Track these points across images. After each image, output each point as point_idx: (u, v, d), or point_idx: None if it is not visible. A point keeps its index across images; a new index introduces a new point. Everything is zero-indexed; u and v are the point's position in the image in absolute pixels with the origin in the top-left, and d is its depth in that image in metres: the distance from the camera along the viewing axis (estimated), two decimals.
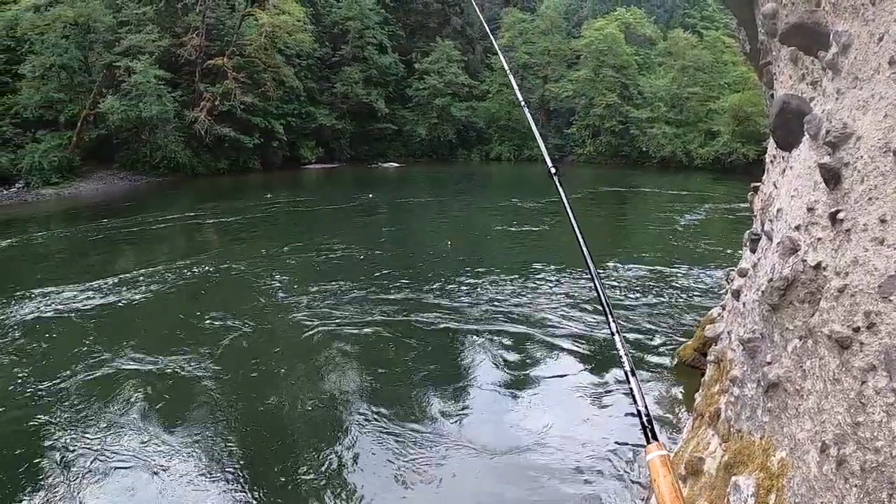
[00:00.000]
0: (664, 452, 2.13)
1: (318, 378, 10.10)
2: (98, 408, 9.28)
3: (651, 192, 33.17)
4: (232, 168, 44.28)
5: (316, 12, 50.62)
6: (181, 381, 10.15)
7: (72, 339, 12.46)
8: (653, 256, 17.75)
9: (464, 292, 14.08)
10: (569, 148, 53.52)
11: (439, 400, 9.14)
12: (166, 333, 12.58)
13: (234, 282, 16.31)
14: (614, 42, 50.61)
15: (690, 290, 13.91)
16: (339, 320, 12.66)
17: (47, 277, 17.16)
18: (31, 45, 37.70)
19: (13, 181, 35.22)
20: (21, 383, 10.31)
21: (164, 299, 14.81)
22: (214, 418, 8.98)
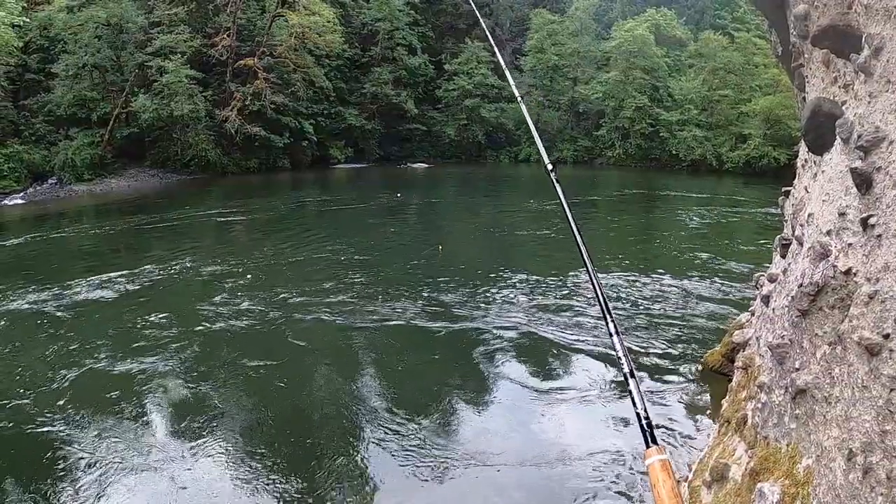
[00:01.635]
0: (664, 457, 2.11)
1: (340, 378, 10.13)
2: (118, 401, 9.39)
3: (680, 195, 32.88)
4: (262, 167, 44.57)
5: (346, 13, 50.82)
6: (204, 376, 10.22)
7: (98, 331, 12.62)
8: (680, 260, 17.60)
9: (487, 295, 14.05)
10: (598, 150, 53.20)
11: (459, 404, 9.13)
12: (191, 328, 12.67)
13: (261, 278, 16.40)
14: (644, 44, 50.22)
15: (719, 295, 13.77)
16: (363, 320, 12.69)
17: (78, 271, 17.44)
18: (65, 45, 38.37)
19: (46, 177, 35.94)
20: (44, 374, 10.46)
21: (191, 295, 14.93)
22: (237, 414, 9.04)
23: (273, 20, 45.06)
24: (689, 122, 48.34)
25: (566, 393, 9.26)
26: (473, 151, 54.22)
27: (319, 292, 14.68)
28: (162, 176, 40.48)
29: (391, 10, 51.13)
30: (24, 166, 35.05)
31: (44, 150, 36.72)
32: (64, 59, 38.09)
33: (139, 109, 38.36)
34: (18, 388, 9.96)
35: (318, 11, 44.56)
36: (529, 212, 26.39)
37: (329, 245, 20.39)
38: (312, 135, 46.56)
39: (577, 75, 54.40)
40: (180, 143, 40.97)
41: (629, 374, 2.39)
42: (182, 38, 40.23)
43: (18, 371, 10.69)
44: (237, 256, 18.96)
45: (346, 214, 27.96)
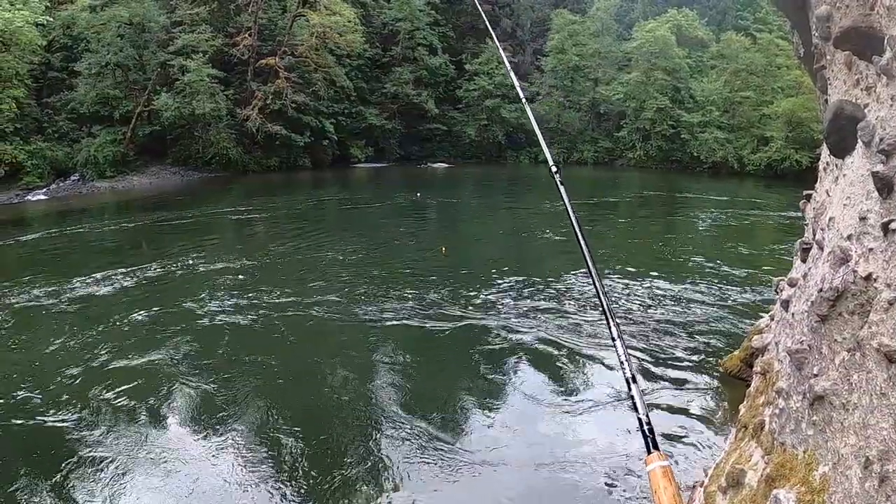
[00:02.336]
0: (665, 463, 2.11)
1: (353, 377, 10.14)
2: (134, 396, 9.47)
3: (701, 197, 32.66)
4: (282, 165, 44.85)
5: (366, 13, 50.92)
6: (220, 372, 10.29)
7: (116, 325, 12.74)
8: (699, 263, 17.47)
9: (501, 296, 14.03)
10: (619, 151, 52.95)
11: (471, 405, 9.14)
12: (208, 324, 12.78)
13: (278, 276, 16.49)
14: (666, 44, 49.92)
15: (738, 299, 13.66)
16: (376, 319, 12.72)
17: (98, 265, 17.62)
18: (87, 44, 38.84)
19: (69, 174, 36.36)
20: (62, 366, 10.57)
21: (209, 290, 15.01)
22: (250, 410, 9.09)
23: (294, 20, 45.23)
24: (710, 123, 48.01)
25: (580, 396, 9.23)
26: (493, 152, 54.10)
27: (335, 291, 14.72)
28: (183, 174, 40.84)
29: (412, 11, 51.14)
30: (47, 163, 35.48)
31: (67, 147, 37.20)
32: (87, 58, 38.56)
33: (161, 108, 38.80)
34: (36, 379, 10.08)
35: (339, 11, 44.74)
36: (547, 213, 26.30)
37: (346, 244, 20.43)
38: (333, 134, 46.71)
39: (598, 76, 54.16)
40: (202, 141, 41.34)
41: (630, 380, 2.37)
42: (204, 38, 40.60)
43: (36, 363, 10.83)
44: (256, 253, 19.07)
45: (365, 213, 28.05)
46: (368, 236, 21.94)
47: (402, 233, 22.84)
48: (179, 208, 28.63)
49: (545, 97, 53.85)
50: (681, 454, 7.45)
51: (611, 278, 15.30)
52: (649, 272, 16.01)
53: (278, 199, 31.73)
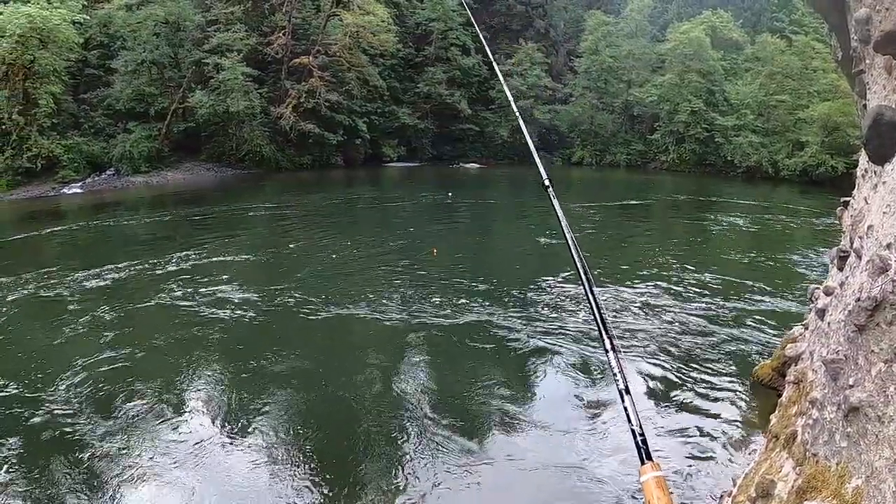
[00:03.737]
0: (659, 473, 2.13)
1: (381, 375, 10.16)
2: (162, 386, 9.62)
3: (734, 202, 32.19)
4: (315, 163, 45.17)
5: (400, 13, 51.05)
6: (249, 365, 10.38)
7: (145, 315, 12.95)
8: (731, 269, 17.26)
9: (535, 300, 13.98)
10: (652, 154, 52.46)
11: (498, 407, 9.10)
12: (236, 316, 12.91)
13: (309, 271, 16.62)
14: (700, 46, 49.31)
15: (771, 306, 13.47)
16: (407, 318, 12.73)
17: (131, 256, 17.93)
18: (124, 42, 39.55)
19: (104, 168, 36.95)
20: (92, 354, 10.72)
21: (239, 284, 15.17)
22: (278, 406, 9.15)
23: (328, 19, 45.44)
24: (744, 127, 47.35)
25: (603, 400, 9.18)
26: (526, 153, 53.85)
27: (362, 288, 14.78)
28: (217, 170, 41.33)
29: (445, 10, 51.17)
30: (83, 157, 36.10)
31: (102, 142, 37.83)
32: (123, 56, 39.23)
33: (196, 105, 39.43)
34: (63, 366, 10.26)
35: (373, 11, 44.90)
36: (577, 215, 26.19)
37: (377, 242, 20.56)
38: (366, 133, 46.91)
39: (631, 77, 53.68)
40: (235, 138, 41.81)
41: (624, 391, 2.41)
42: (238, 37, 41.05)
43: (63, 351, 11.06)
44: (286, 249, 19.31)
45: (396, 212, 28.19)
46: (398, 235, 21.99)
47: (433, 232, 22.85)
48: (212, 204, 28.98)
49: (578, 98, 53.55)
50: (709, 463, 7.38)
51: (641, 281, 15.22)
52: (680, 276, 15.89)
53: (310, 197, 31.95)
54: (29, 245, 21.39)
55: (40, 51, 33.43)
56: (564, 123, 53.65)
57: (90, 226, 24.38)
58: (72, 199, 32.10)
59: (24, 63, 33.29)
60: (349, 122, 45.14)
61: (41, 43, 33.41)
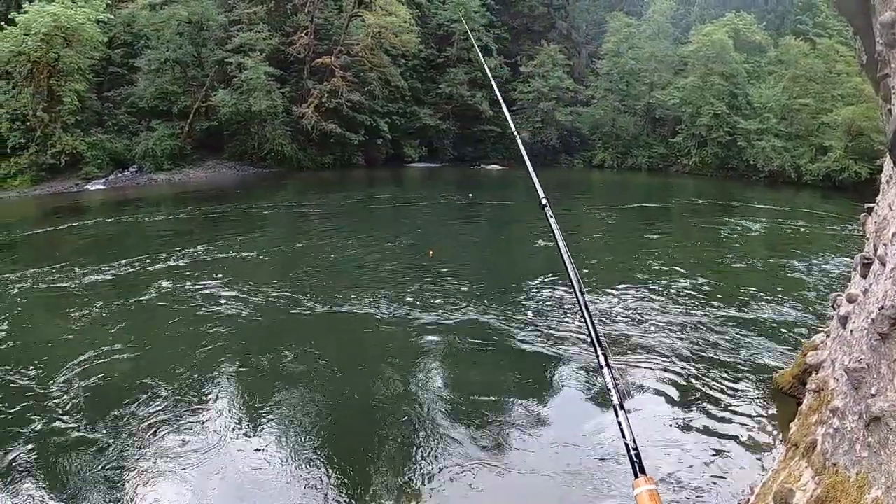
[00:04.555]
0: (652, 487, 2.15)
1: (398, 376, 10.20)
2: (181, 380, 9.78)
3: (755, 207, 31.86)
4: (336, 163, 45.36)
5: (422, 14, 51.04)
6: (264, 366, 10.48)
7: (163, 313, 13.08)
8: (753, 275, 17.16)
9: (551, 302, 13.97)
10: (673, 157, 52.03)
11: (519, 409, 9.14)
12: (252, 312, 13.03)
13: (328, 269, 16.79)
14: (723, 49, 48.82)
15: (792, 313, 13.34)
16: (424, 318, 12.75)
17: (152, 251, 18.20)
18: (147, 41, 39.95)
19: (127, 165, 37.43)
20: (107, 347, 10.85)
21: (258, 280, 15.33)
22: (294, 405, 9.23)
23: (350, 20, 45.52)
24: (767, 131, 46.84)
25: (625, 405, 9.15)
26: (548, 155, 53.57)
27: (381, 287, 14.85)
28: (239, 168, 41.65)
29: (467, 11, 51.07)
30: (107, 154, 36.56)
31: (126, 139, 38.35)
32: (147, 55, 39.69)
33: (219, 104, 39.75)
34: (80, 357, 10.38)
35: (395, 12, 44.90)
36: (595, 219, 26.13)
37: (396, 241, 20.61)
38: (387, 133, 46.99)
39: (653, 80, 53.29)
40: (258, 137, 42.06)
41: (618, 406, 2.42)
42: (261, 36, 41.29)
43: (81, 342, 11.19)
44: (306, 247, 19.49)
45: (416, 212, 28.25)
46: (418, 235, 22.05)
47: (452, 232, 22.89)
48: (234, 201, 29.19)
49: (600, 100, 53.26)
50: (727, 470, 7.35)
51: (658, 286, 15.15)
52: (700, 281, 15.81)
53: (331, 196, 32.10)
54: (51, 239, 21.69)
55: (65, 49, 33.87)
56: (586, 125, 53.45)
57: (111, 222, 24.65)
58: (94, 196, 32.43)
59: (48, 61, 33.72)
60: (371, 122, 45.25)
61: (66, 41, 33.85)
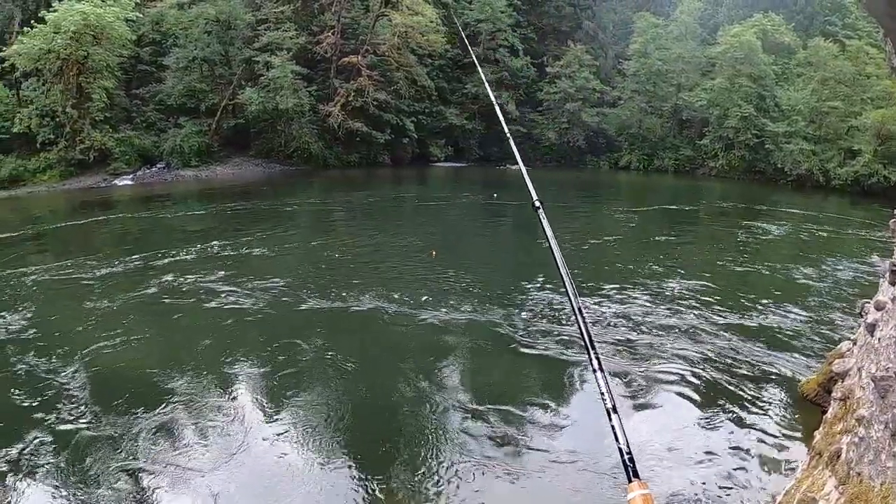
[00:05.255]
0: (646, 491, 2.15)
1: (421, 375, 10.28)
2: (203, 372, 10.07)
3: (782, 211, 31.35)
4: (362, 161, 45.56)
5: (448, 14, 50.98)
6: (288, 359, 10.60)
7: (184, 306, 13.29)
8: (778, 281, 16.95)
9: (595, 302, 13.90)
10: (700, 160, 51.50)
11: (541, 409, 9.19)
12: (275, 304, 13.16)
13: (350, 265, 16.96)
14: (751, 50, 48.14)
15: (817, 320, 13.21)
16: (447, 316, 12.85)
17: (178, 245, 18.54)
18: (176, 39, 40.62)
19: (155, 162, 37.89)
20: (133, 336, 10.99)
21: (281, 274, 15.56)
22: (318, 398, 9.38)
23: (377, 19, 45.66)
24: (795, 134, 46.17)
25: (650, 404, 9.18)
26: (573, 156, 53.36)
27: (405, 284, 14.94)
28: (265, 166, 42.07)
29: (493, 12, 51.00)
30: (135, 150, 37.18)
31: (154, 136, 39.04)
32: (175, 53, 40.33)
33: (246, 102, 40.11)
34: (99, 344, 10.54)
35: (421, 11, 44.91)
36: (616, 220, 25.97)
37: (421, 239, 20.63)
38: (413, 132, 47.14)
39: (680, 81, 52.78)
40: (284, 135, 42.40)
41: (612, 410, 2.43)
42: (288, 35, 41.53)
43: (105, 331, 11.37)
44: (330, 243, 19.77)
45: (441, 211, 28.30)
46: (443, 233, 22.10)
47: (476, 232, 22.89)
48: (260, 198, 29.42)
49: (627, 101, 52.87)
50: (750, 477, 7.33)
51: (682, 289, 15.06)
52: (723, 286, 15.77)
53: (356, 194, 32.23)
54: (78, 232, 22.10)
55: (94, 47, 34.45)
56: (612, 127, 53.04)
57: (138, 217, 24.98)
58: (122, 191, 32.84)
59: (77, 59, 34.24)
60: (397, 122, 45.43)
61: (94, 39, 34.37)
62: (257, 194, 31.22)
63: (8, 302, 13.91)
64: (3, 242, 20.47)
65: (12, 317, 12.90)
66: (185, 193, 32.34)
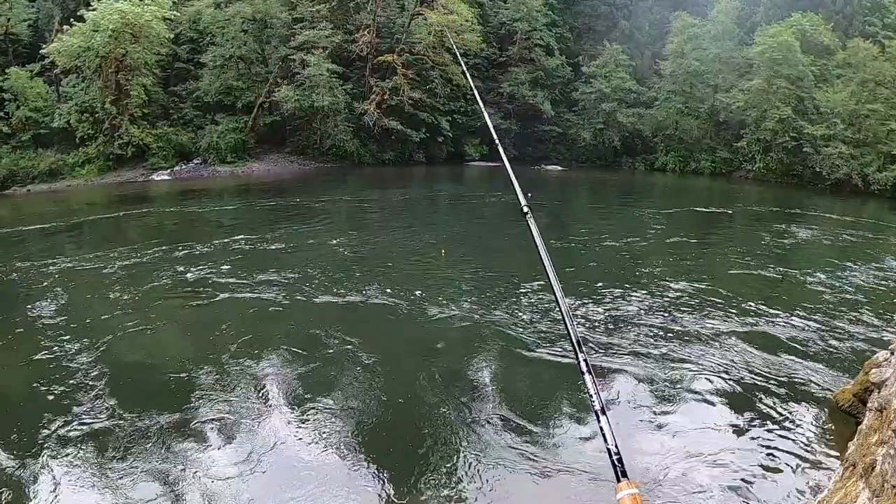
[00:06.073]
0: (634, 491, 2.15)
1: (447, 372, 10.45)
2: (233, 372, 10.21)
3: (819, 216, 30.69)
4: (397, 159, 45.93)
5: (483, 13, 51.05)
6: (313, 354, 10.84)
7: (216, 299, 13.45)
8: (813, 286, 16.60)
9: (604, 306, 13.78)
10: (737, 162, 50.88)
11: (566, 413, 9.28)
12: (308, 299, 13.25)
13: (383, 261, 17.08)
14: (789, 51, 47.39)
15: (853, 329, 12.97)
16: (475, 317, 12.91)
17: (212, 237, 18.77)
18: (212, 38, 41.28)
19: (191, 157, 38.45)
20: (159, 323, 11.03)
21: (313, 268, 15.81)
22: (344, 396, 9.62)
23: (412, 18, 45.93)
24: (834, 137, 45.42)
25: (675, 411, 9.28)
26: (608, 156, 53.10)
27: (436, 283, 14.96)
28: (300, 162, 42.62)
29: (529, 11, 50.98)
30: (172, 146, 37.82)
31: (191, 132, 39.88)
32: (212, 51, 41.00)
33: (282, 99, 40.56)
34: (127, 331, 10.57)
35: (457, 10, 44.95)
36: (659, 224, 25.59)
37: (453, 238, 20.66)
38: (448, 131, 47.29)
39: (717, 82, 52.26)
40: (320, 132, 42.88)
41: (600, 412, 2.43)
42: (324, 34, 41.87)
43: (141, 320, 11.56)
44: (363, 240, 20.05)
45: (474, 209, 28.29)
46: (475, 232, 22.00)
47: (508, 232, 22.66)
48: (295, 194, 29.63)
49: (663, 102, 52.46)
50: (781, 487, 7.28)
51: (715, 294, 14.90)
52: (755, 291, 15.61)
53: (390, 192, 32.40)
54: (115, 224, 22.42)
55: (132, 45, 35.14)
56: (648, 127, 52.57)
57: (174, 211, 25.24)
58: (159, 186, 33.25)
59: (116, 56, 34.87)
60: (432, 120, 45.69)
61: (133, 37, 35.13)
62: (292, 191, 31.48)
63: (42, 289, 14.52)
64: (42, 233, 20.97)
65: (45, 304, 13.50)
66: (220, 189, 32.67)
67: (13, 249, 19.27)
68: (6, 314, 13.30)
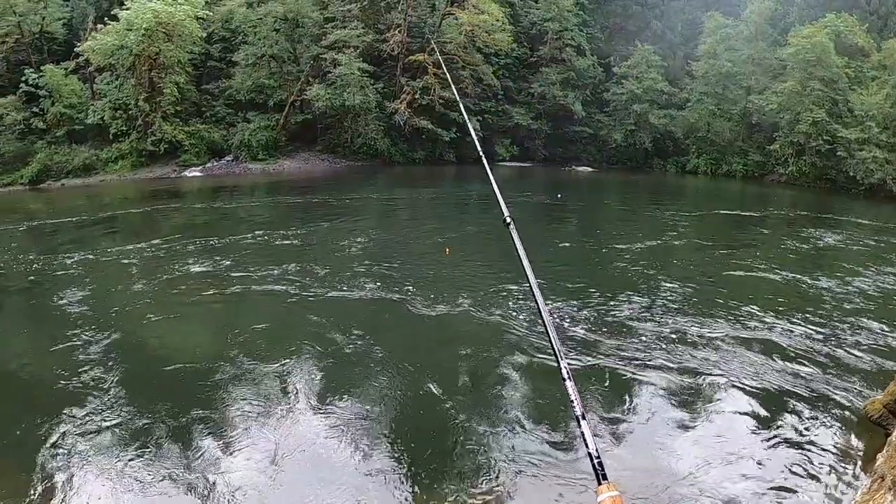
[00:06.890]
0: (615, 493, 2.21)
1: (471, 374, 10.41)
2: (253, 361, 10.37)
3: (851, 221, 30.04)
4: (427, 159, 46.13)
5: (514, 13, 50.94)
6: (335, 350, 10.98)
7: (248, 294, 13.63)
8: (843, 294, 16.17)
9: (641, 312, 13.74)
10: (770, 166, 50.08)
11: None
12: (338, 295, 13.37)
13: (413, 260, 17.15)
14: (823, 52, 46.54)
15: (884, 339, 12.69)
16: (502, 318, 12.85)
17: (242, 232, 18.96)
18: (245, 37, 41.91)
19: (223, 154, 38.84)
20: (183, 311, 11.10)
21: (342, 266, 16.11)
22: (367, 395, 9.60)
23: (443, 18, 46.08)
24: (869, 140, 44.55)
25: (704, 423, 9.17)
26: (639, 158, 52.69)
27: (465, 283, 15.00)
28: (331, 161, 42.93)
29: (560, 11, 50.72)
30: (204, 143, 38.37)
31: (223, 130, 40.44)
32: (244, 50, 41.69)
33: (313, 98, 40.92)
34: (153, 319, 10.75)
35: (488, 10, 44.89)
36: (691, 229, 25.26)
37: (482, 237, 20.56)
38: (479, 131, 46.82)
39: (750, 84, 51.61)
40: (350, 131, 43.25)
41: (580, 417, 2.49)
42: (355, 33, 42.20)
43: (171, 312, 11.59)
44: (393, 238, 19.98)
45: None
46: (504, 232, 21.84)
47: (538, 232, 22.56)
48: (325, 192, 29.78)
49: (695, 104, 51.85)
50: (807, 498, 7.20)
51: (742, 298, 14.78)
52: (790, 296, 15.44)
53: (420, 191, 32.53)
54: (147, 218, 22.75)
55: (165, 43, 35.69)
56: (680, 129, 51.98)
57: (205, 206, 25.51)
58: (192, 182, 33.56)
59: (150, 54, 35.30)
60: (462, 120, 45.11)
61: (166, 36, 35.71)
62: (321, 188, 31.64)
63: (70, 279, 14.97)
64: (75, 225, 21.27)
65: (74, 293, 13.83)
66: (252, 186, 32.96)
67: (45, 240, 19.74)
68: (36, 302, 13.79)
